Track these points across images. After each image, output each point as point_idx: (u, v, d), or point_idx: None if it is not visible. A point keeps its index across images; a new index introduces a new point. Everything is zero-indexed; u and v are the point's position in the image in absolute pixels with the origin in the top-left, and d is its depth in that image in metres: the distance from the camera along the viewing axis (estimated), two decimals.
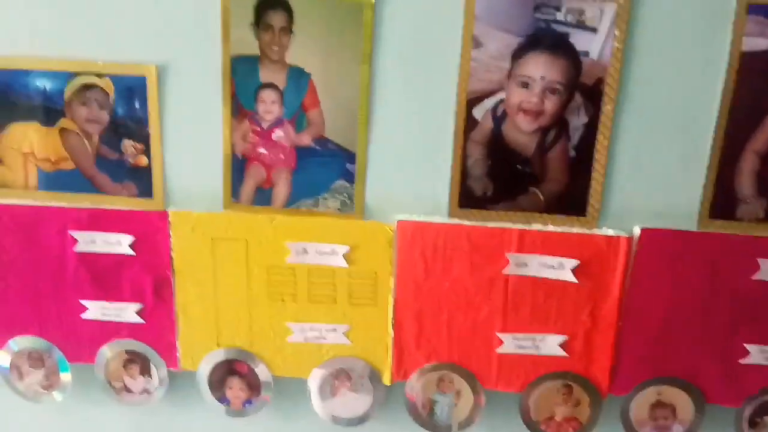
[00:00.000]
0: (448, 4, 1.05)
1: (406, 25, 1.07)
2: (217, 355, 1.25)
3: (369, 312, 1.20)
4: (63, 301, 1.25)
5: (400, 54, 1.08)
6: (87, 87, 1.15)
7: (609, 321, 1.15)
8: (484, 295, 1.16)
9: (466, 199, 1.13)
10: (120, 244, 1.21)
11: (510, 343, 1.17)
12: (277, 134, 1.15)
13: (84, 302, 1.25)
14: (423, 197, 1.15)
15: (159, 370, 1.27)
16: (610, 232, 1.11)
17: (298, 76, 1.11)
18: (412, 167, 1.14)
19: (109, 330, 1.26)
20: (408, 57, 1.08)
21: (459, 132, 1.10)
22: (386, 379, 1.23)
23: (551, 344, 1.17)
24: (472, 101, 1.09)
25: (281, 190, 1.18)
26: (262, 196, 1.18)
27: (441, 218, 1.14)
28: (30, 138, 1.19)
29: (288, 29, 1.09)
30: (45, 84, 1.16)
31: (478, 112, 1.09)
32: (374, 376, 1.23)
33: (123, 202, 1.20)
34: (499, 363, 1.19)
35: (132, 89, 1.15)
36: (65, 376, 1.30)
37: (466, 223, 1.13)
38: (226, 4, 1.08)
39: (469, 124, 1.10)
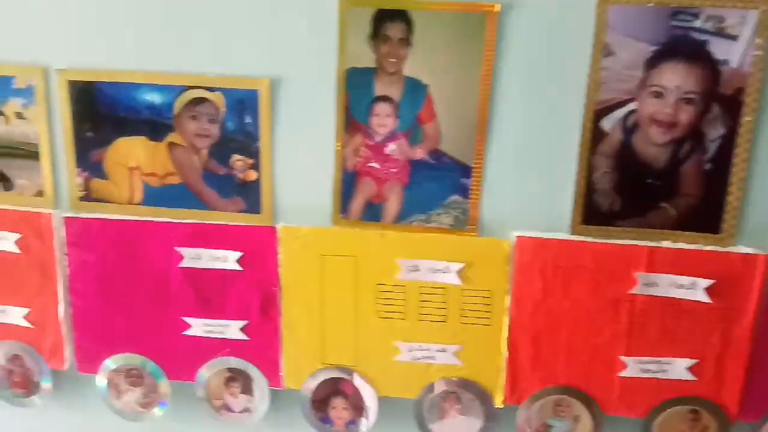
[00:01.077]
0: (578, 12, 1.00)
1: (533, 34, 1.03)
2: (322, 374, 1.22)
3: (482, 332, 1.16)
4: (165, 318, 1.23)
5: (525, 64, 1.04)
6: (197, 101, 1.13)
7: (742, 343, 1.08)
8: (607, 316, 1.10)
9: (591, 214, 1.08)
10: (227, 260, 1.19)
11: (634, 367, 1.11)
12: (391, 148, 1.11)
13: (187, 319, 1.23)
14: (543, 213, 1.10)
15: (261, 389, 1.25)
16: (747, 250, 1.05)
17: (415, 89, 1.08)
18: (532, 181, 1.09)
19: (211, 347, 1.24)
20: (533, 67, 1.04)
21: (585, 144, 1.05)
22: (498, 402, 1.18)
23: (679, 368, 1.10)
24: (601, 112, 1.04)
25: (392, 205, 1.14)
26: (372, 212, 1.15)
27: (563, 234, 1.09)
28: (137, 153, 1.18)
29: (407, 41, 1.05)
30: (154, 98, 1.15)
31: (607, 123, 1.04)
32: (485, 398, 1.18)
33: (230, 218, 1.18)
34: (621, 387, 1.13)
35: (243, 103, 1.13)
36: (164, 394, 1.28)
37: (590, 240, 1.08)
38: (344, 16, 1.06)
39: (597, 135, 1.05)
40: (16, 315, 1.27)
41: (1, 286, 1.26)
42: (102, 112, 1.16)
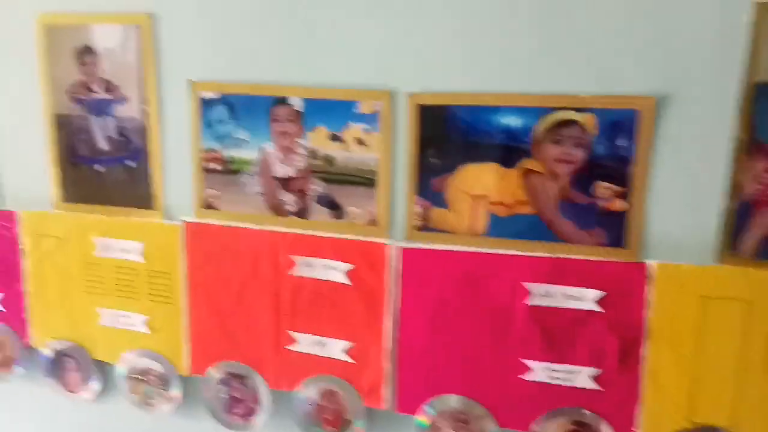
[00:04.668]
0: None
1: None
2: None
3: None
4: (502, 359, 1.13)
5: None
6: (564, 123, 1.04)
7: None
8: None
9: None
10: (583, 298, 1.07)
11: None
12: None
13: (528, 362, 1.12)
14: None
15: None
16: None
17: None
18: None
19: (553, 395, 1.11)
20: None
21: None
22: None
23: None
24: None
25: None
26: None
27: None
28: (484, 180, 1.10)
29: None
30: (512, 121, 1.06)
31: None
32: None
33: (588, 252, 1.06)
34: None
35: (618, 124, 1.01)
36: None
37: None
38: (760, 22, 0.92)
39: None
40: (336, 348, 1.22)
41: (325, 318, 1.22)
42: (451, 137, 1.09)
